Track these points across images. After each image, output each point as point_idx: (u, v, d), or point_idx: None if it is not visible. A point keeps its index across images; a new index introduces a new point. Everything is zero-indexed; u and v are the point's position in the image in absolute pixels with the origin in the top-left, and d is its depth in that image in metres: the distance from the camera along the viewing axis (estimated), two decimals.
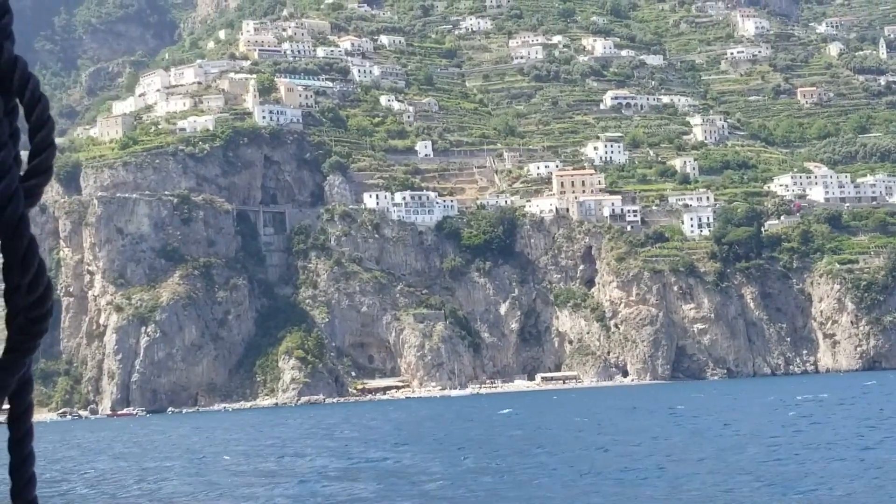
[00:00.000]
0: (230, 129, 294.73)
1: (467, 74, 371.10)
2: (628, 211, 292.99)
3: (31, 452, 3.47)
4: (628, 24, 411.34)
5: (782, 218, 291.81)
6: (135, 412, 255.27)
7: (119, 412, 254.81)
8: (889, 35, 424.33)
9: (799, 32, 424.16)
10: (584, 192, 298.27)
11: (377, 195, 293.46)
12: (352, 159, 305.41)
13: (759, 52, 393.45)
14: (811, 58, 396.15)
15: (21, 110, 3.25)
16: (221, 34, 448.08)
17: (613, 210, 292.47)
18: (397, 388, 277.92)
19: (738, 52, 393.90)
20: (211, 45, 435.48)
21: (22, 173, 3.15)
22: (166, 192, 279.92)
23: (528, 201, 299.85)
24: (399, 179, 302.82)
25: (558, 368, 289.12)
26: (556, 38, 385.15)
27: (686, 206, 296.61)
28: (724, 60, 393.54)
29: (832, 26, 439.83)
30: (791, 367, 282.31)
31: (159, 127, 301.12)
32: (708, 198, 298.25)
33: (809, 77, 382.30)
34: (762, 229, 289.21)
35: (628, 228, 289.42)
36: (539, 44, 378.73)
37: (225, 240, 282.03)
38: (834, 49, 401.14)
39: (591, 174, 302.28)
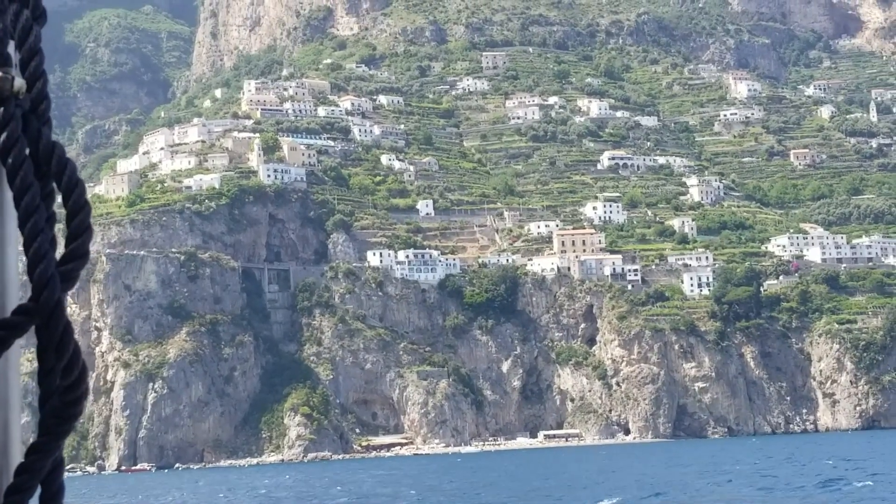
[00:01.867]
0: (236, 187, 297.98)
1: (465, 134, 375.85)
2: (629, 270, 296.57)
3: None
4: (622, 86, 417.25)
5: (781, 278, 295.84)
6: (148, 468, 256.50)
7: (132, 468, 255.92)
8: (877, 98, 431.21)
9: (789, 95, 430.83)
10: (584, 251, 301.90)
11: (381, 253, 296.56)
12: (355, 217, 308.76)
13: (752, 114, 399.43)
14: (803, 120, 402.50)
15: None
16: (218, 93, 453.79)
17: (614, 269, 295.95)
18: (401, 444, 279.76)
19: (732, 114, 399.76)
20: (207, 103, 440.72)
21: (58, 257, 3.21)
22: (173, 250, 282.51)
23: (529, 260, 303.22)
24: (401, 238, 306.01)
25: (560, 426, 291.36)
26: (552, 99, 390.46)
27: (685, 265, 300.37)
28: (717, 122, 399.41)
29: (820, 89, 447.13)
30: (791, 425, 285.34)
31: (165, 185, 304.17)
32: (707, 258, 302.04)
33: (802, 139, 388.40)
34: (761, 289, 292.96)
35: (629, 287, 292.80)
36: (535, 104, 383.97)
37: (231, 297, 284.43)
38: (825, 112, 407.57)
39: (592, 233, 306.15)
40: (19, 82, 3.10)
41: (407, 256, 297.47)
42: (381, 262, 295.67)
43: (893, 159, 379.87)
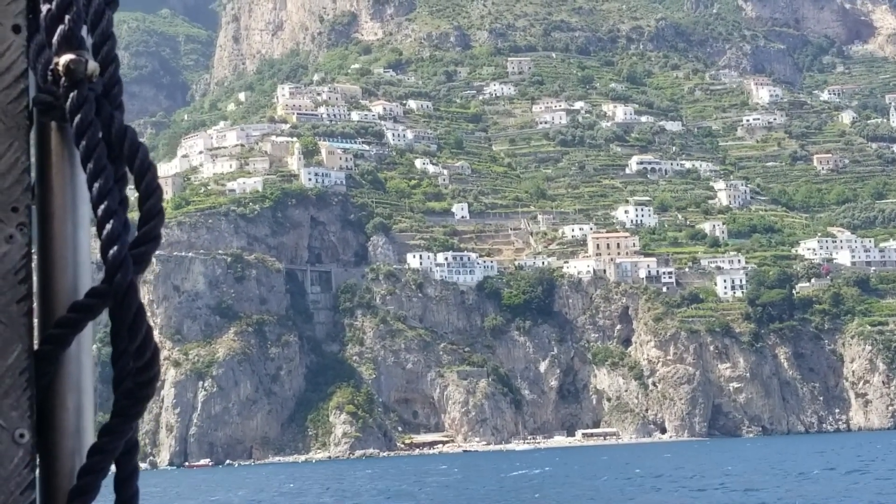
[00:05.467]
0: (279, 190, 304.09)
1: (493, 138, 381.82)
2: (663, 273, 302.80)
3: None
4: (645, 91, 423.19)
5: (812, 281, 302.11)
6: (210, 463, 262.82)
7: (194, 464, 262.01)
8: (891, 103, 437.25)
9: (808, 100, 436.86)
10: (619, 253, 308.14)
11: (420, 255, 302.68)
12: (393, 220, 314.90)
13: (775, 119, 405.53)
14: (825, 125, 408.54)
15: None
16: (242, 96, 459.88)
17: (649, 272, 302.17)
18: (443, 442, 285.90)
19: (754, 119, 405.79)
20: (231, 106, 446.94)
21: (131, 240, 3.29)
22: (220, 251, 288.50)
23: (565, 262, 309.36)
24: (439, 240, 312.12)
25: (596, 425, 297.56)
26: (578, 104, 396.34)
27: (718, 268, 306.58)
28: (740, 127, 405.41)
29: (835, 94, 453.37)
30: (824, 425, 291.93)
31: (208, 188, 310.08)
32: (739, 260, 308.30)
33: (824, 144, 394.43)
34: (793, 292, 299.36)
35: (664, 290, 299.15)
36: (562, 109, 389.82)
37: (276, 298, 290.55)
38: (847, 117, 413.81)
39: (626, 237, 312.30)
40: (93, 65, 3.21)
41: (446, 259, 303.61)
42: (420, 264, 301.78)
43: None
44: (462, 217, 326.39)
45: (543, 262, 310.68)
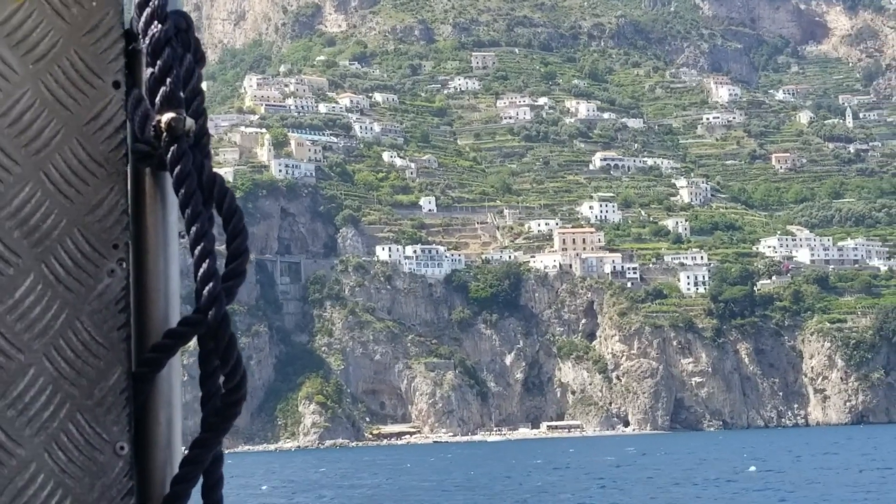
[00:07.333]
0: (249, 181, 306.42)
1: (458, 133, 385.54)
2: (628, 268, 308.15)
3: None
4: (606, 88, 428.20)
5: (773, 278, 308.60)
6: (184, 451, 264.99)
7: None
8: (844, 104, 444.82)
9: (766, 99, 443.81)
10: (584, 249, 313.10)
11: (389, 248, 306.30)
12: (362, 213, 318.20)
13: (734, 118, 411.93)
14: (783, 125, 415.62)
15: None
16: (203, 86, 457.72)
17: (614, 267, 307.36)
18: (410, 433, 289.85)
19: (714, 118, 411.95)
20: None
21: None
22: None
23: (532, 257, 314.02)
24: (407, 233, 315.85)
25: (560, 417, 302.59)
26: (542, 100, 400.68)
27: (681, 264, 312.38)
28: (700, 125, 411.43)
29: (789, 94, 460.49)
30: (783, 419, 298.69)
31: None
32: (702, 257, 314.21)
33: (782, 143, 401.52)
34: (755, 289, 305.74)
35: (629, 285, 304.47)
36: (526, 105, 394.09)
37: (247, 287, 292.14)
38: (804, 117, 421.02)
39: (592, 232, 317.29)
40: (189, 122, 3.42)
41: (414, 251, 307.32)
42: (389, 256, 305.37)
43: (871, 164, 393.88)
44: (429, 210, 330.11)
45: (510, 257, 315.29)
